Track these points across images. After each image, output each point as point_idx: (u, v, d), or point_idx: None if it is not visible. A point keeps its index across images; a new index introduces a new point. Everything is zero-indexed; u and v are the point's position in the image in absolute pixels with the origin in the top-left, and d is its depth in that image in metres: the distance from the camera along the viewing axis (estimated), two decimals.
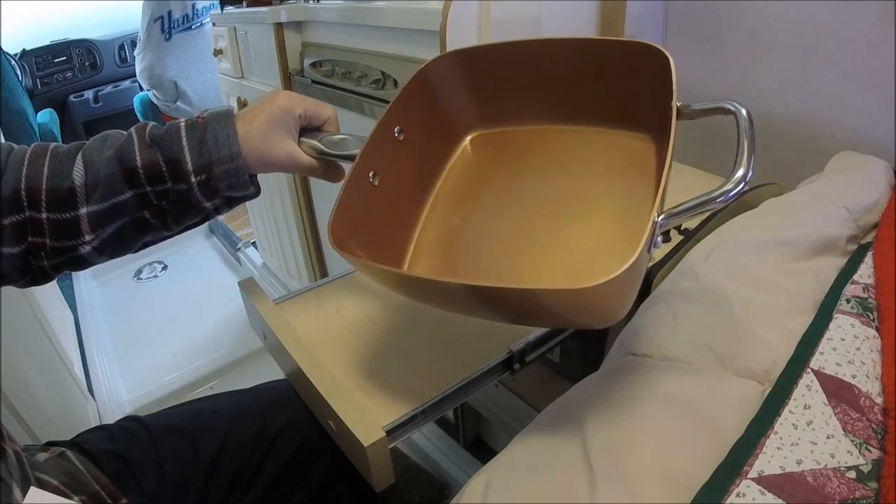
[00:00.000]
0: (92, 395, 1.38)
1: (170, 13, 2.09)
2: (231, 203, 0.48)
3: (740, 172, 0.34)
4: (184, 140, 0.43)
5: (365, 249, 0.43)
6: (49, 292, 1.65)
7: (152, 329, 1.66)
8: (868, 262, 0.47)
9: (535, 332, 0.51)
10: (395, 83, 0.83)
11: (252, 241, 1.84)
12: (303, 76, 1.08)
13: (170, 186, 0.43)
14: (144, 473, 0.50)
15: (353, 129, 0.49)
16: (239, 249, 1.88)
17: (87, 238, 0.43)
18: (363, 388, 0.47)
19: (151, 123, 0.45)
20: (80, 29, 2.64)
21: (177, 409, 0.58)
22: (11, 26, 2.40)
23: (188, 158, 0.43)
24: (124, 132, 0.44)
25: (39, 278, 0.44)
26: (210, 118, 0.44)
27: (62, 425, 1.11)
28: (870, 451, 0.31)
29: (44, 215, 0.41)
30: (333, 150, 0.48)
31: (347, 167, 0.47)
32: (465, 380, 0.47)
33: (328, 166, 0.50)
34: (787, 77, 0.81)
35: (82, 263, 0.45)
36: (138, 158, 0.42)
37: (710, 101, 0.40)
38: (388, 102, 0.49)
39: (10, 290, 1.06)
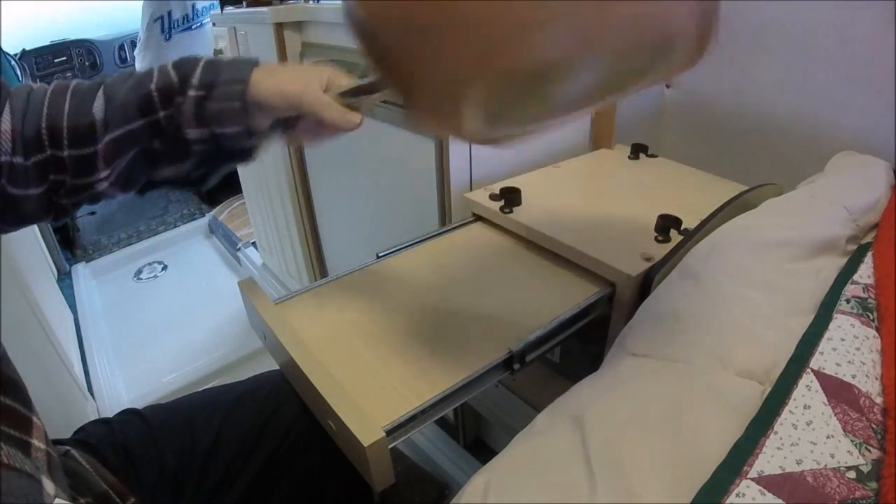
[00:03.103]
0: (92, 395, 1.38)
1: (170, 13, 2.09)
2: (217, 158, 0.47)
3: None
4: (202, 63, 0.44)
5: None
6: (49, 292, 1.65)
7: (152, 329, 1.66)
8: (868, 262, 0.47)
9: (535, 332, 0.51)
10: None
11: (252, 241, 1.84)
12: None
13: (175, 103, 0.44)
14: (145, 466, 0.50)
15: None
16: (239, 249, 1.88)
17: (103, 174, 0.43)
18: (363, 388, 0.47)
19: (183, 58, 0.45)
20: (80, 29, 2.63)
21: (174, 402, 0.58)
22: (11, 26, 2.40)
23: (197, 74, 0.43)
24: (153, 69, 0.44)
25: (60, 215, 0.45)
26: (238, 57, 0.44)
27: (62, 425, 1.10)
28: (870, 451, 0.31)
29: (66, 153, 0.42)
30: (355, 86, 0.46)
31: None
32: (465, 380, 0.47)
33: (344, 113, 0.47)
34: (787, 77, 0.81)
35: (100, 198, 0.46)
36: (154, 82, 0.43)
37: None
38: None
39: (9, 290, 1.06)
